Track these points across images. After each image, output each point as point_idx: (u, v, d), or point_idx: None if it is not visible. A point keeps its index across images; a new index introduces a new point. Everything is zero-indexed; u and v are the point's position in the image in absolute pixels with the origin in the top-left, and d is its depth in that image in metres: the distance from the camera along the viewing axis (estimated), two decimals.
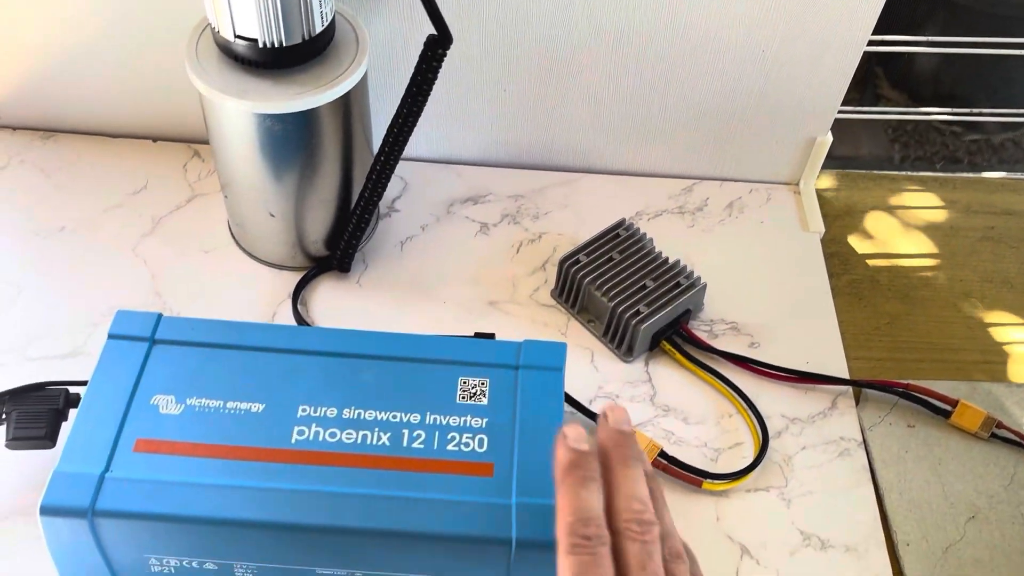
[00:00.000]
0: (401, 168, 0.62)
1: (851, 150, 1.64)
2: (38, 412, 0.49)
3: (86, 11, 0.60)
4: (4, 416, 0.49)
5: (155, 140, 0.68)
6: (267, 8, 0.48)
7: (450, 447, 0.45)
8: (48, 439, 0.49)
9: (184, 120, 0.67)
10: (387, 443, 0.45)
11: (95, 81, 0.65)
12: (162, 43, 0.62)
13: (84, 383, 0.50)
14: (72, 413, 0.50)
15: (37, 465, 0.50)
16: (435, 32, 0.52)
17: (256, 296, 0.60)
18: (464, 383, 0.47)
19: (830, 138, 0.66)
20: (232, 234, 0.63)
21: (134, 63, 0.63)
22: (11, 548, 0.48)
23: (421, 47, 0.53)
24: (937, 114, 1.49)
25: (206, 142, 0.68)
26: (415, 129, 0.56)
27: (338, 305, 0.60)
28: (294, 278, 0.61)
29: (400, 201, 0.66)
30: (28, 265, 0.60)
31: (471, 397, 0.47)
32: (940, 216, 0.69)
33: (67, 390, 0.50)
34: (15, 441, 0.48)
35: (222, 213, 0.64)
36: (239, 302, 0.60)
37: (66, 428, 0.49)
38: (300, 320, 0.58)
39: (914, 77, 1.66)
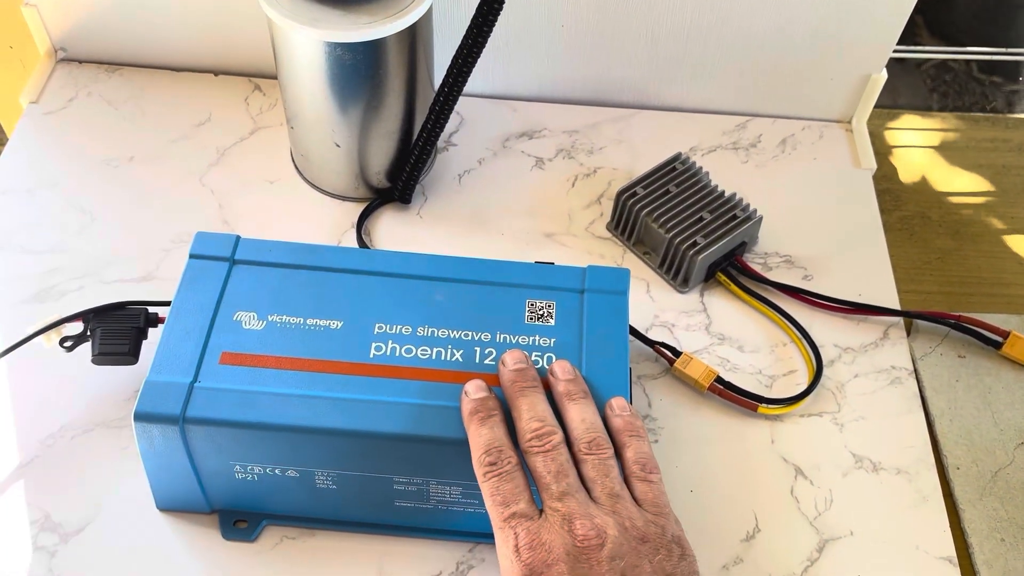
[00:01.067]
0: (458, 104, 0.63)
1: (889, 99, 1.63)
2: (121, 330, 0.51)
3: None
4: (89, 333, 0.51)
5: (216, 74, 0.70)
6: None
7: None
8: (132, 355, 0.51)
9: (245, 54, 0.68)
10: (460, 359, 0.47)
11: (157, 15, 0.66)
12: None
13: (162, 303, 0.52)
14: (152, 332, 0.52)
15: (116, 381, 0.53)
16: None
17: (320, 225, 0.62)
18: (532, 305, 0.49)
19: (885, 75, 0.66)
20: (296, 165, 0.64)
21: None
22: (97, 456, 0.51)
23: None
24: (981, 54, 1.47)
25: (267, 76, 0.69)
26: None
27: (400, 235, 0.62)
28: (356, 209, 0.62)
29: (457, 136, 0.68)
30: (99, 193, 0.62)
31: (539, 318, 0.48)
32: (992, 155, 0.70)
33: (147, 309, 0.52)
34: (101, 356, 0.50)
35: (285, 145, 0.65)
36: (304, 231, 0.61)
37: (147, 346, 0.51)
38: (365, 248, 0.60)
39: (953, 24, 1.64)
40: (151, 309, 0.52)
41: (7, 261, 0.58)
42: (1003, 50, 0.87)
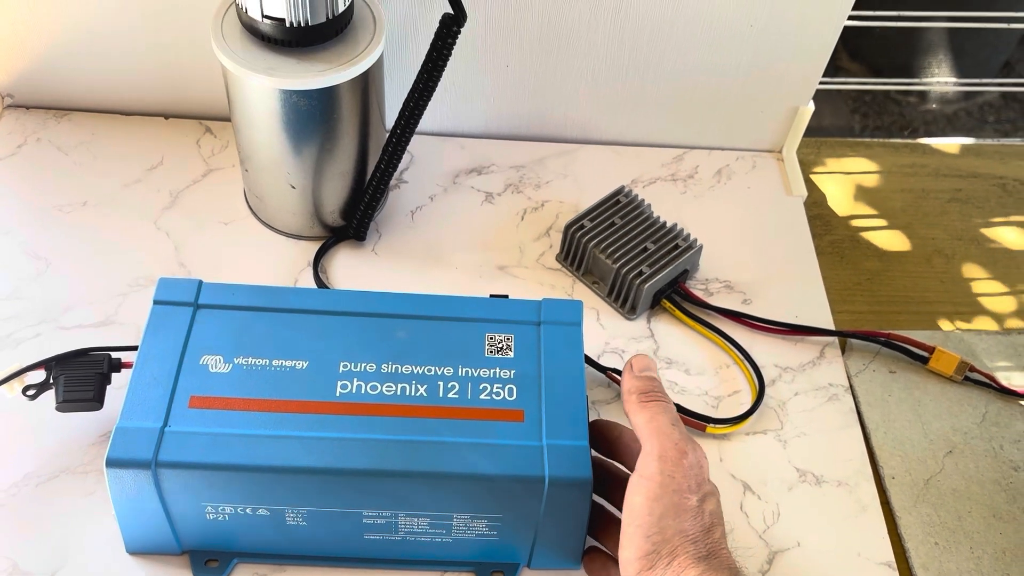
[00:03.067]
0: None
1: (815, 121, 1.70)
2: (85, 376, 0.52)
3: None
4: (52, 381, 0.51)
5: (167, 117, 0.70)
6: None
7: (483, 396, 0.49)
8: (96, 401, 0.51)
9: (196, 97, 0.69)
10: (424, 394, 0.48)
11: (107, 60, 0.67)
12: (176, 23, 0.64)
13: (124, 348, 0.53)
14: (115, 377, 0.52)
15: (80, 427, 0.53)
16: (451, 11, 0.56)
17: (276, 264, 0.63)
18: (491, 338, 0.51)
19: (812, 107, 0.71)
20: (250, 206, 0.66)
21: (146, 42, 0.65)
22: (63, 503, 0.51)
23: (430, 28, 0.57)
24: (900, 84, 1.54)
25: (218, 118, 0.70)
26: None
27: (355, 272, 0.63)
28: (312, 247, 0.64)
29: (408, 173, 0.70)
30: (53, 239, 0.62)
31: (498, 351, 0.51)
32: (912, 179, 0.74)
33: (110, 355, 0.53)
34: (66, 403, 0.51)
35: (238, 186, 0.67)
36: (261, 270, 0.62)
37: (111, 391, 0.52)
38: (322, 286, 0.62)
39: (872, 50, 1.72)
40: (114, 354, 0.53)
41: None
42: (914, 80, 0.92)
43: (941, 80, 1.60)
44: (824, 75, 0.68)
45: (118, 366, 0.53)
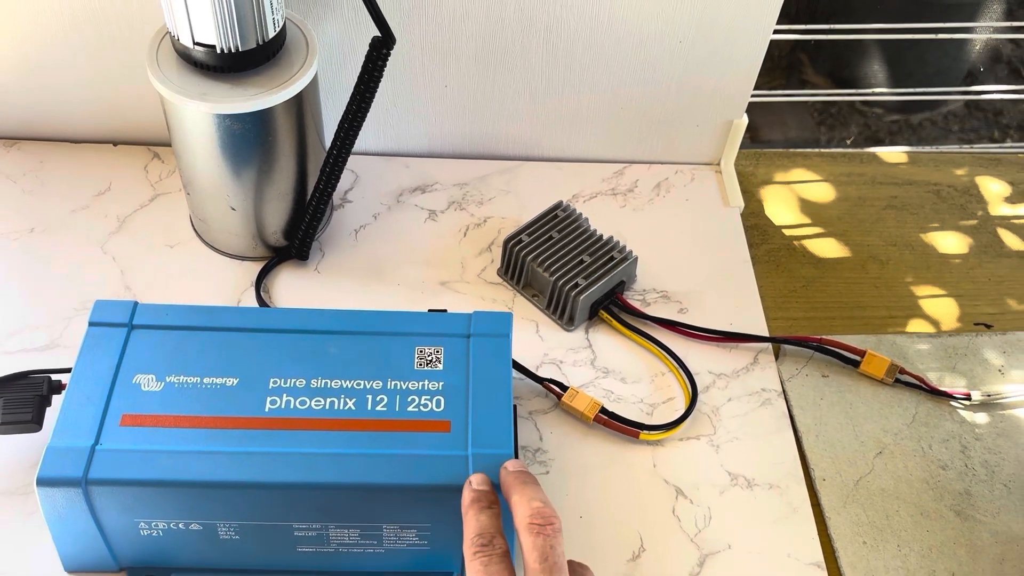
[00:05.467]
0: (352, 162, 0.67)
1: (780, 134, 1.72)
2: (24, 398, 0.53)
3: (43, 25, 0.64)
4: None
5: (116, 144, 0.72)
6: (224, 16, 0.53)
7: (410, 408, 0.50)
8: (35, 422, 0.52)
9: (143, 124, 0.70)
10: (353, 407, 0.49)
11: (54, 90, 0.68)
12: (119, 52, 0.65)
13: (65, 371, 0.54)
14: (55, 399, 0.53)
15: (19, 448, 0.54)
16: (379, 34, 0.57)
17: (221, 285, 0.64)
18: (421, 351, 0.52)
19: (745, 120, 0.72)
20: (195, 229, 0.67)
21: (92, 72, 0.67)
22: (2, 524, 0.52)
23: (365, 48, 0.58)
24: (851, 96, 1.57)
25: (165, 144, 0.72)
26: (364, 125, 0.60)
27: (298, 291, 0.65)
28: (255, 268, 0.65)
29: (352, 192, 0.71)
30: (0, 265, 0.63)
31: (427, 364, 0.52)
32: (848, 188, 0.76)
33: (50, 377, 0.54)
34: (4, 425, 0.52)
35: (184, 210, 0.68)
36: (205, 292, 0.64)
37: (50, 412, 0.53)
38: (264, 306, 0.63)
39: (835, 62, 1.74)
40: (54, 376, 0.54)
41: None
42: (872, 91, 0.94)
43: (906, 91, 1.62)
44: (787, 87, 0.70)
45: (58, 388, 0.54)
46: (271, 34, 0.56)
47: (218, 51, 0.55)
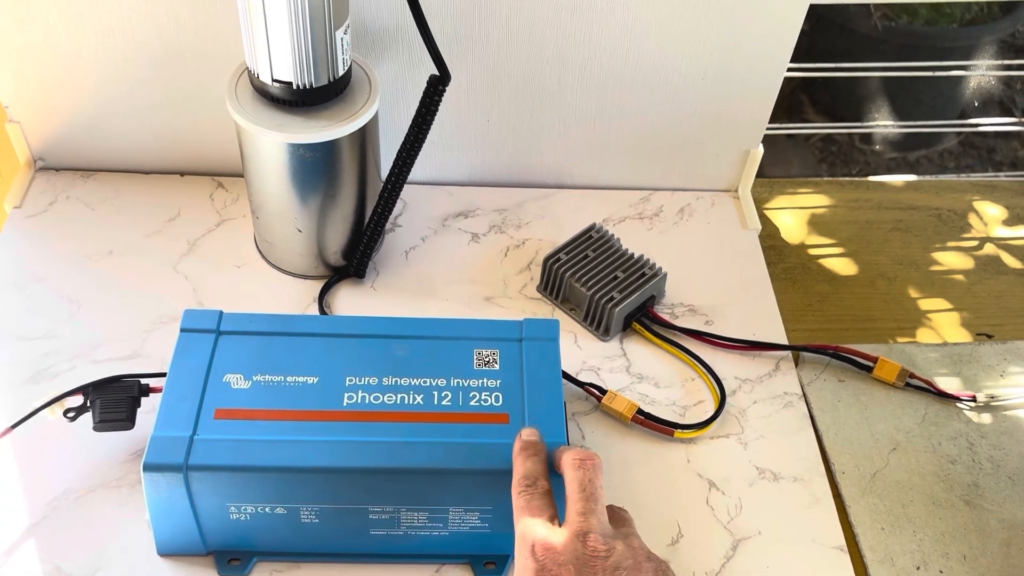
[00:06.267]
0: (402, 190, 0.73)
1: (783, 170, 1.80)
2: (119, 399, 0.58)
3: (126, 67, 0.70)
4: (89, 404, 0.58)
5: (182, 175, 0.78)
6: (301, 56, 0.59)
7: (472, 403, 0.55)
8: (129, 421, 0.58)
9: (208, 156, 0.77)
10: (420, 402, 0.55)
11: (129, 126, 0.74)
12: (191, 90, 0.72)
13: (153, 375, 0.59)
14: (145, 401, 0.59)
15: (113, 446, 0.60)
16: (436, 72, 0.64)
17: (285, 302, 0.70)
18: (479, 353, 0.58)
19: (761, 150, 0.79)
20: (260, 250, 0.73)
21: (164, 109, 0.73)
22: (99, 513, 0.57)
23: (419, 87, 0.65)
24: (851, 129, 1.64)
25: (228, 174, 0.78)
26: None
27: (356, 307, 0.70)
28: (316, 285, 0.71)
29: (402, 218, 0.77)
30: (84, 284, 0.69)
31: (485, 364, 0.57)
32: (856, 212, 0.82)
33: (139, 380, 0.59)
34: (102, 423, 0.57)
35: (248, 234, 0.74)
36: (271, 307, 0.69)
37: (141, 412, 0.58)
38: None
39: (835, 102, 1.82)
40: (143, 380, 0.59)
41: (3, 349, 0.65)
42: (873, 124, 1.01)
43: (903, 124, 1.70)
44: (789, 123, 0.76)
45: (147, 391, 0.59)
46: (340, 73, 0.62)
47: (294, 87, 0.61)
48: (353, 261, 0.71)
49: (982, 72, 1.70)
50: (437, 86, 0.64)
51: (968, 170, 1.82)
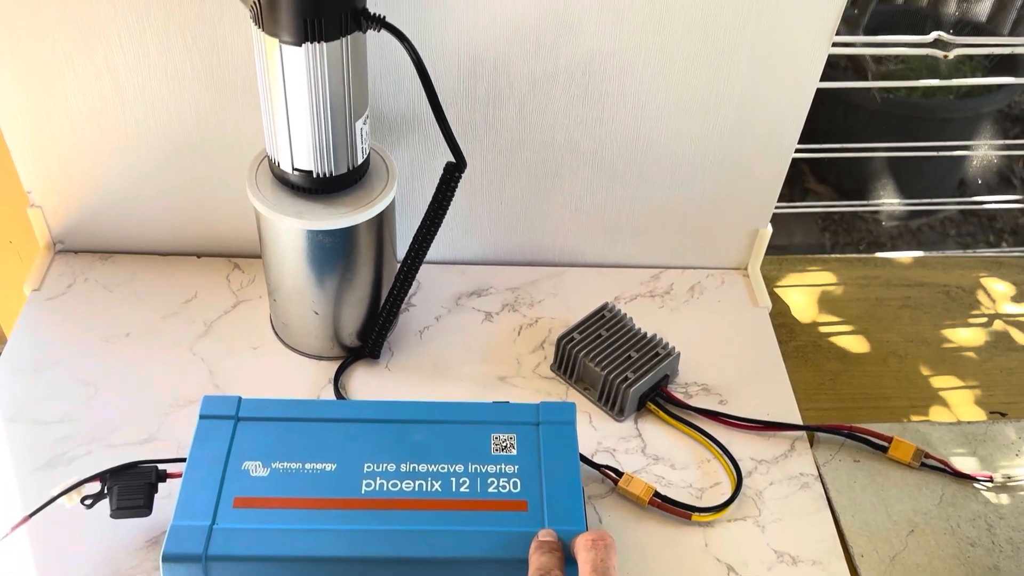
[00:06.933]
0: None
1: (786, 240, 1.82)
2: (136, 486, 0.58)
3: (140, 155, 0.72)
4: (107, 491, 0.58)
5: (199, 256, 0.79)
6: (322, 146, 0.61)
7: (490, 489, 0.55)
8: (146, 507, 0.58)
9: (224, 238, 0.78)
10: (439, 489, 0.55)
11: (147, 209, 0.76)
12: (209, 175, 0.73)
13: (170, 460, 0.59)
14: (162, 486, 0.59)
15: (129, 533, 0.60)
16: (453, 159, 0.65)
17: (300, 383, 0.70)
18: (496, 438, 0.58)
19: (770, 229, 0.80)
20: (275, 331, 0.73)
21: (183, 193, 0.75)
22: None
23: (434, 171, 0.66)
24: (856, 207, 1.67)
25: (245, 255, 0.79)
26: None
27: (371, 388, 0.71)
28: (331, 367, 0.71)
29: (416, 297, 0.78)
30: (100, 367, 0.70)
31: (503, 449, 0.57)
32: (866, 289, 0.83)
33: (156, 467, 0.59)
34: (120, 510, 0.57)
35: (264, 315, 0.75)
36: (287, 389, 0.70)
37: (158, 499, 0.58)
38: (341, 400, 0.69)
39: (837, 173, 1.85)
40: (160, 466, 0.59)
41: (20, 433, 0.65)
42: (873, 203, 1.03)
43: (906, 202, 1.72)
44: (792, 197, 0.78)
45: (164, 476, 0.59)
46: (359, 161, 0.64)
47: (314, 175, 0.62)
48: (368, 342, 0.71)
49: (983, 152, 1.74)
50: (453, 173, 0.65)
51: (969, 237, 1.84)
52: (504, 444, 0.58)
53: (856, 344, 0.78)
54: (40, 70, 0.67)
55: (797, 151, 0.75)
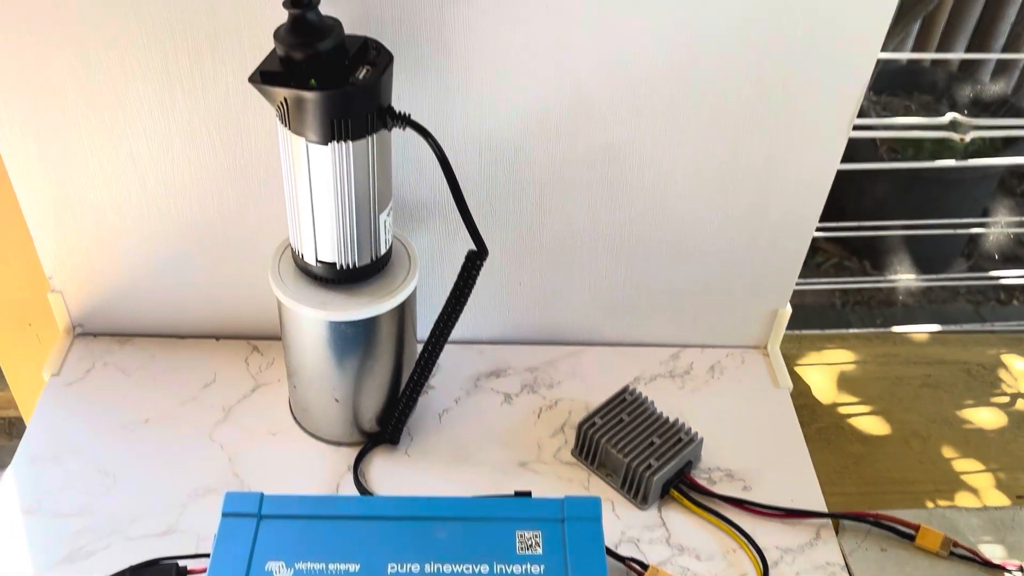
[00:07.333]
0: None
1: (796, 299, 1.82)
2: None
3: (162, 241, 0.72)
4: None
5: (218, 339, 0.79)
6: (346, 239, 0.61)
7: None
8: None
9: (243, 320, 0.78)
10: None
11: (166, 292, 0.76)
12: (229, 260, 0.74)
13: (190, 556, 0.59)
14: None
15: None
16: (475, 247, 0.65)
17: (320, 471, 0.70)
18: (521, 536, 0.57)
19: (789, 309, 0.80)
20: (295, 417, 0.73)
21: (202, 277, 0.75)
22: None
23: (455, 256, 0.66)
24: (870, 283, 1.67)
25: (264, 337, 0.79)
26: None
27: (391, 474, 0.70)
28: (351, 453, 0.71)
29: (435, 379, 0.78)
30: (120, 455, 0.69)
31: (528, 548, 0.57)
32: (886, 368, 0.83)
33: (176, 563, 0.59)
34: None
35: (283, 399, 0.74)
36: (306, 477, 0.69)
37: None
38: (362, 491, 0.68)
39: (849, 236, 1.85)
40: (181, 562, 0.59)
41: (39, 525, 0.64)
42: (881, 279, 1.02)
43: (922, 277, 1.74)
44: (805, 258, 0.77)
45: (185, 572, 0.59)
46: (382, 252, 0.64)
47: (337, 267, 0.62)
48: (388, 427, 0.71)
49: (999, 228, 1.75)
50: (475, 261, 0.66)
51: (980, 295, 1.84)
52: (529, 543, 0.57)
53: (878, 425, 0.77)
54: (65, 160, 0.67)
55: (820, 231, 0.75)
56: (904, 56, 1.79)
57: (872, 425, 0.77)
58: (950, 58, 1.80)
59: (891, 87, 1.83)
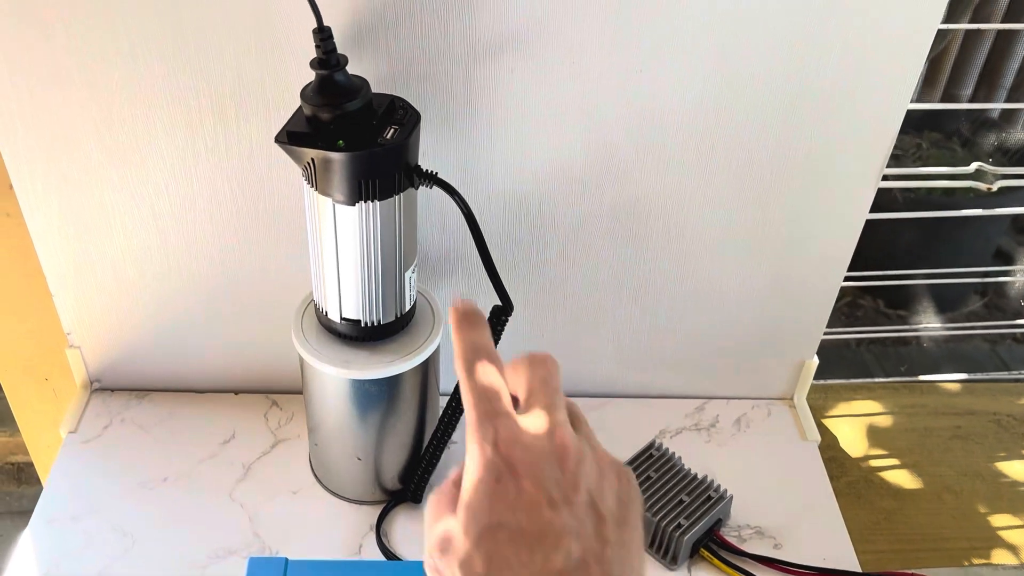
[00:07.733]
0: None
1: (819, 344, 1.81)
2: None
3: (182, 295, 0.71)
4: None
5: (237, 393, 0.78)
6: (371, 297, 0.60)
7: None
8: None
9: (263, 374, 0.77)
10: None
11: (185, 347, 0.75)
12: (250, 315, 0.73)
13: None
14: None
15: None
16: (499, 303, 0.64)
17: (342, 530, 0.68)
18: None
19: (816, 361, 0.79)
20: (316, 475, 0.72)
21: (221, 331, 0.74)
22: None
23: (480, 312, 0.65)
24: (894, 331, 1.65)
25: (283, 391, 0.78)
26: None
27: (414, 534, 0.68)
28: (373, 511, 0.69)
29: (457, 433, 0.76)
30: (138, 516, 0.68)
31: None
32: (914, 419, 0.81)
33: None
34: None
35: (303, 455, 0.73)
36: (328, 537, 0.68)
37: None
38: (386, 552, 0.67)
39: (867, 267, 1.85)
40: None
41: None
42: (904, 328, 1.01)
43: (945, 327, 1.73)
44: None
45: None
46: (407, 309, 0.63)
47: (361, 324, 0.62)
48: (411, 485, 0.70)
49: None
50: (500, 316, 0.65)
51: (995, 331, 1.83)
52: None
53: (908, 479, 0.76)
54: (85, 217, 0.67)
55: (849, 281, 0.74)
56: (934, 107, 1.79)
57: (903, 479, 0.76)
58: (987, 108, 1.80)
59: (902, 126, 1.83)
